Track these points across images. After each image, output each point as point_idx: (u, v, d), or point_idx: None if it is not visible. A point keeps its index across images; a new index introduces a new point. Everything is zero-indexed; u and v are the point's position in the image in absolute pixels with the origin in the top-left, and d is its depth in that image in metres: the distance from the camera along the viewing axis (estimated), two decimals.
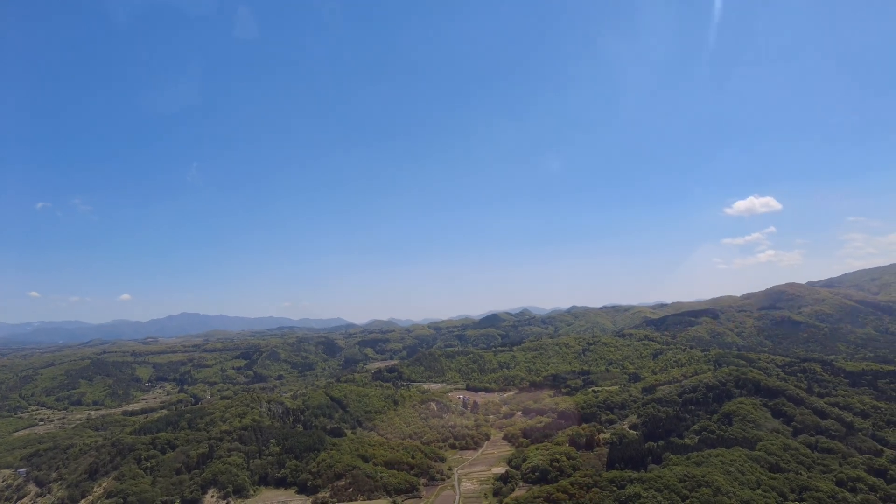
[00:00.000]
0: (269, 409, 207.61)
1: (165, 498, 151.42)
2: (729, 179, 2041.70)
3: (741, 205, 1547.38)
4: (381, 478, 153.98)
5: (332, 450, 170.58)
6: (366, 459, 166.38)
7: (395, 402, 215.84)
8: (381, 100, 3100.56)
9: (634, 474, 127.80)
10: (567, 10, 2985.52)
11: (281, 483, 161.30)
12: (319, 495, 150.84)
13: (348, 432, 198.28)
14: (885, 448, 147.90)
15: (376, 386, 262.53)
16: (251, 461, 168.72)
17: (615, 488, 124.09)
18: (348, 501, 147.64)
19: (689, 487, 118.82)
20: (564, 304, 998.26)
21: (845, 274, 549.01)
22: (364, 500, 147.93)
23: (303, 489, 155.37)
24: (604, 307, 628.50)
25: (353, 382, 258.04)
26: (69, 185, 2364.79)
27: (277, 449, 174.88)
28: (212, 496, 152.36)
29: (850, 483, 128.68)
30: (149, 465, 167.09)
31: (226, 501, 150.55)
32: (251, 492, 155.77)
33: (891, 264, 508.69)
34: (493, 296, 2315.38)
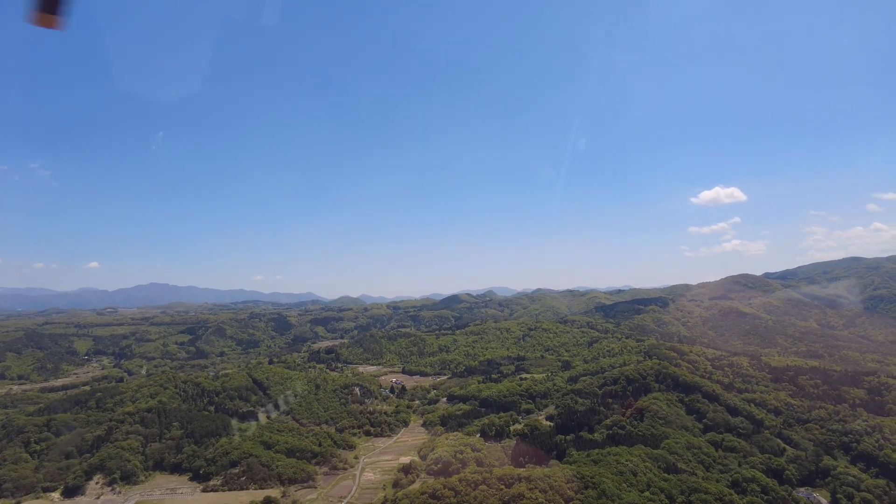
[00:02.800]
0: (183, 390, 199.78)
1: (47, 484, 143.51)
2: (695, 169, 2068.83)
3: (707, 195, 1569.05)
4: (277, 466, 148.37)
5: (234, 435, 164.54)
6: (268, 446, 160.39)
7: (318, 387, 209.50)
8: (357, 79, 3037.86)
9: (524, 472, 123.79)
10: (542, 8, 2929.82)
11: (177, 469, 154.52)
12: (211, 483, 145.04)
13: (262, 416, 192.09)
14: (787, 447, 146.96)
15: (310, 367, 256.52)
16: (149, 445, 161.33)
17: (503, 486, 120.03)
18: (239, 490, 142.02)
19: (575, 489, 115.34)
20: (534, 286, 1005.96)
21: (800, 266, 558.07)
22: (255, 489, 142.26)
23: (196, 476, 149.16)
24: (567, 290, 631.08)
25: (284, 364, 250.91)
26: (26, 150, 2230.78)
27: (179, 433, 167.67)
28: (97, 482, 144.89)
29: (745, 484, 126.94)
30: (38, 448, 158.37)
31: (111, 488, 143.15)
32: (142, 477, 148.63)
33: (843, 258, 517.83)
34: (468, 275, 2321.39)
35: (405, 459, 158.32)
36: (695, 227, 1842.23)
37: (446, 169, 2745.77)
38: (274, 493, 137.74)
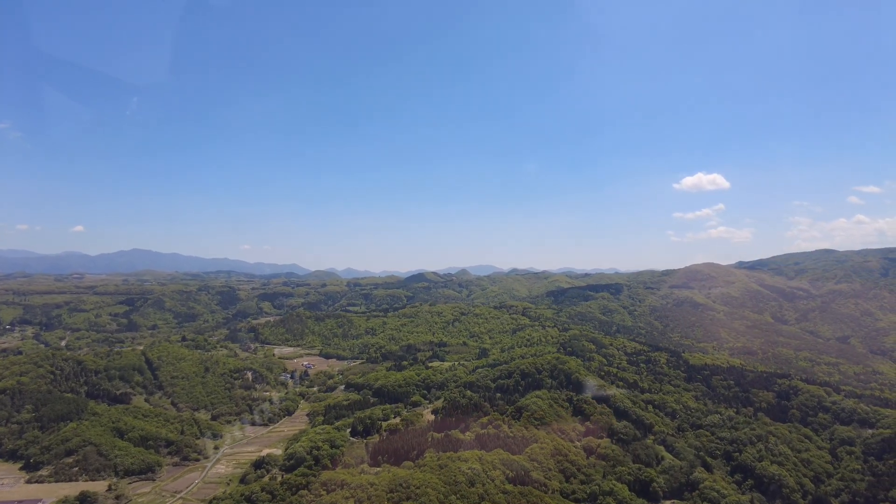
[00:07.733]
0: (60, 368, 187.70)
1: None
2: (677, 155, 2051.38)
3: (689, 181, 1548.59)
4: (117, 456, 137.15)
5: (86, 420, 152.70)
6: (121, 433, 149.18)
7: (206, 369, 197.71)
8: (350, 55, 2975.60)
9: (349, 477, 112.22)
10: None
11: (13, 456, 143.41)
12: (39, 473, 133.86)
13: (139, 399, 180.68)
14: (668, 455, 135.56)
15: (221, 347, 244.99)
16: None
17: (323, 492, 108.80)
18: (67, 482, 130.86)
19: (396, 500, 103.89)
20: (521, 266, 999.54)
21: (774, 256, 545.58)
22: (86, 480, 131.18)
23: (28, 465, 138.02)
24: (535, 272, 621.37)
25: (193, 342, 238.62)
26: None
27: (29, 416, 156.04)
28: None
29: (601, 497, 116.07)
30: None
31: None
32: None
33: (815, 251, 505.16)
34: (458, 253, 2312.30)
35: (265, 452, 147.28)
36: (679, 212, 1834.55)
37: (439, 146, 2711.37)
38: (98, 486, 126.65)
